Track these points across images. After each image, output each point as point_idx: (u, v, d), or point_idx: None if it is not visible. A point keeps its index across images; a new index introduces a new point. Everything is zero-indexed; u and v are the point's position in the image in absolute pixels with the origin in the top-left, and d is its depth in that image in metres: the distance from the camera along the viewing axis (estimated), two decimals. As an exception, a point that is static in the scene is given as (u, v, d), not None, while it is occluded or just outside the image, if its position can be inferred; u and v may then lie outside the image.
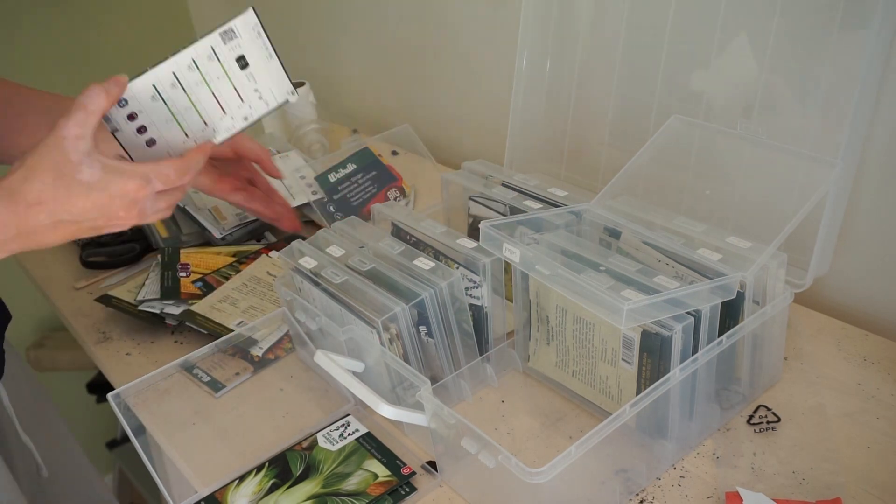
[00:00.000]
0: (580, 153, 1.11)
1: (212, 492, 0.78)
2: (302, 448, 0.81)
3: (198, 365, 0.95)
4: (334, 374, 0.78)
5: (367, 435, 0.82)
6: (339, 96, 1.70)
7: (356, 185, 1.18)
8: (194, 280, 1.05)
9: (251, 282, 1.06)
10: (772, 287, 0.77)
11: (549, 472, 0.62)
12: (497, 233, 0.78)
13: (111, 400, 0.88)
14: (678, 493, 0.73)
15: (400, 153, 1.40)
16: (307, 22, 1.69)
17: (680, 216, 0.83)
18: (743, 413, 0.80)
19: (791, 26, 0.83)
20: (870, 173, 0.88)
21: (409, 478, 0.76)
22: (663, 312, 0.69)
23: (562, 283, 0.72)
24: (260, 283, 1.06)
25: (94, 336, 1.05)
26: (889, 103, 0.84)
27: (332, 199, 1.15)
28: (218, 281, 1.06)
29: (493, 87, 1.32)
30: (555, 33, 1.06)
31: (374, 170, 1.20)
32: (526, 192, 0.93)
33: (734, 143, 0.88)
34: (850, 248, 0.92)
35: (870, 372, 0.84)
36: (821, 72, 0.81)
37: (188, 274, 1.06)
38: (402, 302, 0.80)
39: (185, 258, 1.09)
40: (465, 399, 0.86)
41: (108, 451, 2.03)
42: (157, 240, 1.18)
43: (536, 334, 0.85)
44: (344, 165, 1.19)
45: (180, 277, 1.05)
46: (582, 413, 0.83)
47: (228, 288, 1.05)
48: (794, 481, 0.72)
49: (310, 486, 0.77)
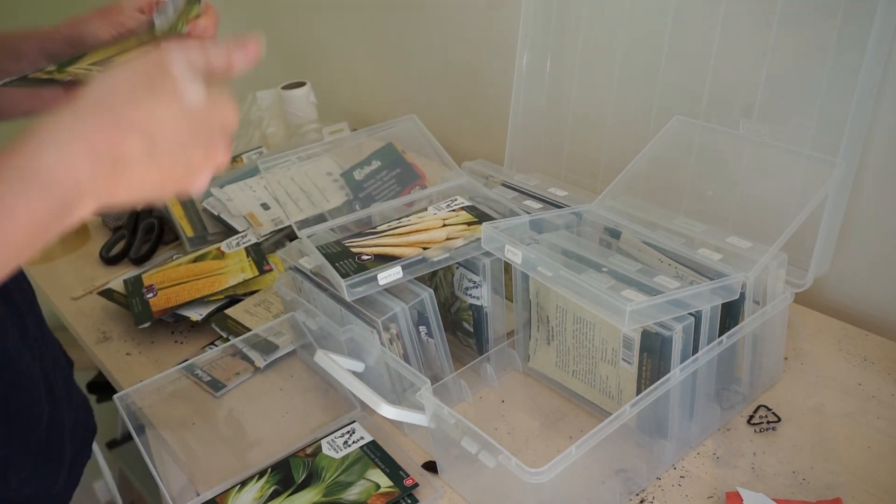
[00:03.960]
0: (580, 153, 1.11)
1: (213, 496, 0.77)
2: (305, 454, 0.80)
3: (198, 364, 0.95)
4: (334, 374, 0.78)
5: (371, 443, 0.81)
6: (339, 96, 1.70)
7: (381, 182, 1.15)
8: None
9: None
10: (772, 287, 0.77)
11: (549, 472, 0.62)
12: (499, 234, 0.78)
13: (117, 401, 0.88)
14: (678, 493, 0.73)
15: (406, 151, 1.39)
16: (307, 22, 1.69)
17: (680, 216, 0.83)
18: (743, 413, 0.81)
19: (791, 27, 0.83)
20: (870, 173, 0.88)
21: (411, 489, 0.75)
22: (665, 313, 0.69)
23: (564, 285, 0.72)
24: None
25: (94, 336, 1.05)
26: (889, 103, 0.84)
27: (358, 196, 1.13)
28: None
29: (493, 87, 1.32)
30: (555, 33, 1.06)
31: (398, 167, 1.17)
32: (526, 192, 0.93)
33: (735, 143, 0.88)
34: (850, 248, 0.92)
35: (870, 372, 0.84)
36: (821, 72, 0.81)
37: (155, 294, 1.05)
38: (402, 302, 0.80)
39: (148, 281, 1.09)
40: (465, 399, 0.86)
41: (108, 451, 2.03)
42: (183, 239, 1.18)
43: (536, 334, 0.85)
44: (369, 162, 1.17)
45: (148, 299, 1.04)
46: (582, 413, 0.83)
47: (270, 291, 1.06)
48: (794, 481, 0.72)
49: (311, 495, 0.76)
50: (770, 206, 0.86)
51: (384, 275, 0.78)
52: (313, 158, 1.22)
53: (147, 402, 0.91)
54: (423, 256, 0.80)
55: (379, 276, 0.78)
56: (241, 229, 1.16)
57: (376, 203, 1.00)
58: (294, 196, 1.11)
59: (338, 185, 1.17)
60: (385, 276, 0.78)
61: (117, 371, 0.98)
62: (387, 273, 0.78)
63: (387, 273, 0.78)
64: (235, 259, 1.09)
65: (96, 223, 1.33)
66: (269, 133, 1.48)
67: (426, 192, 0.96)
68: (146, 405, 0.91)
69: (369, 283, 0.78)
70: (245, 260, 1.08)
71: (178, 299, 1.02)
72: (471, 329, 0.87)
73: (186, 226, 1.19)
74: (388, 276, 0.78)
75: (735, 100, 0.90)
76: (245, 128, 1.47)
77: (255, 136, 1.46)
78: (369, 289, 0.78)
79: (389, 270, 0.78)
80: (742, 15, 0.87)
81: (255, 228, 1.15)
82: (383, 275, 0.78)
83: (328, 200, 1.15)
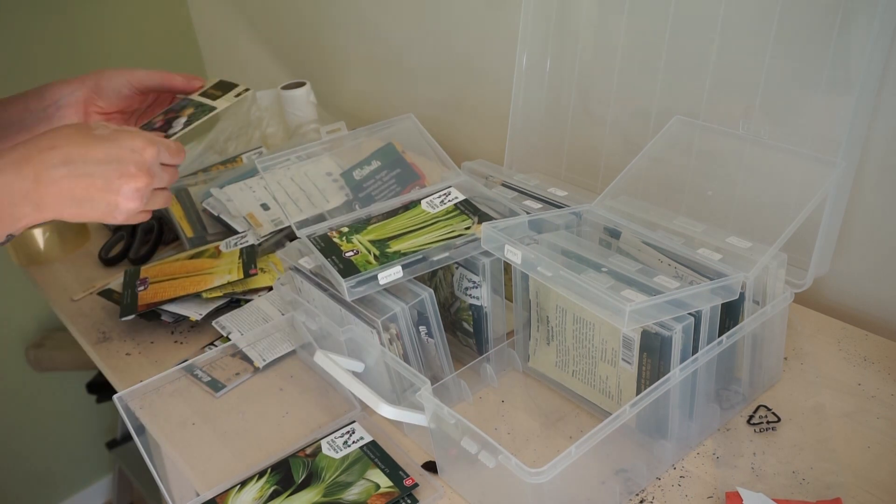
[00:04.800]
0: (580, 153, 1.11)
1: (213, 496, 0.77)
2: (305, 454, 0.80)
3: (198, 364, 0.95)
4: (334, 374, 0.78)
5: (371, 443, 0.81)
6: (339, 96, 1.70)
7: (380, 182, 1.15)
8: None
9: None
10: (772, 287, 0.77)
11: (549, 472, 0.62)
12: (498, 234, 0.78)
13: (117, 402, 0.88)
14: (678, 493, 0.73)
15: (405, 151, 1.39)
16: (307, 22, 1.69)
17: (680, 216, 0.83)
18: (743, 413, 0.80)
19: (791, 26, 0.83)
20: (870, 173, 0.88)
21: (411, 489, 0.75)
22: (665, 313, 0.69)
23: (564, 285, 0.72)
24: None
25: (94, 336, 1.05)
26: (889, 103, 0.84)
27: (358, 196, 1.13)
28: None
29: (493, 87, 1.32)
30: (555, 33, 1.06)
31: (398, 167, 1.17)
32: (526, 192, 0.93)
33: (735, 143, 0.88)
34: (850, 248, 0.92)
35: (870, 372, 0.84)
36: (821, 72, 0.81)
37: (146, 287, 1.06)
38: (402, 302, 0.80)
39: (144, 273, 1.10)
40: (465, 399, 0.86)
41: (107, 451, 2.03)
42: (183, 239, 1.19)
43: (536, 334, 0.85)
44: (368, 162, 1.16)
45: (139, 292, 1.05)
46: (582, 413, 0.83)
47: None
48: (794, 481, 0.72)
49: (311, 495, 0.76)
50: (770, 206, 0.86)
51: (384, 274, 0.78)
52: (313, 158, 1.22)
53: (147, 402, 0.91)
54: (423, 255, 0.80)
55: (379, 275, 0.78)
56: (240, 230, 1.16)
57: (376, 203, 1.00)
58: (294, 196, 1.11)
59: (337, 185, 1.16)
60: (385, 276, 0.78)
61: (117, 371, 0.98)
62: (387, 273, 0.78)
63: (387, 273, 0.78)
64: (228, 259, 1.09)
65: (96, 224, 1.33)
66: (269, 133, 1.48)
67: (425, 192, 0.96)
68: (146, 405, 0.91)
69: (370, 283, 0.78)
70: (236, 262, 1.08)
71: (163, 295, 1.02)
72: (471, 329, 0.87)
73: (186, 226, 1.20)
74: (389, 275, 0.78)
75: (735, 100, 0.90)
76: (245, 128, 1.47)
77: (255, 136, 1.46)
78: (370, 288, 0.78)
79: (389, 270, 0.78)
80: (742, 15, 0.87)
81: (255, 229, 1.15)
82: (383, 274, 0.78)
83: (328, 200, 1.15)
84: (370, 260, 0.81)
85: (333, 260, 0.81)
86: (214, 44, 2.00)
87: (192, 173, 1.30)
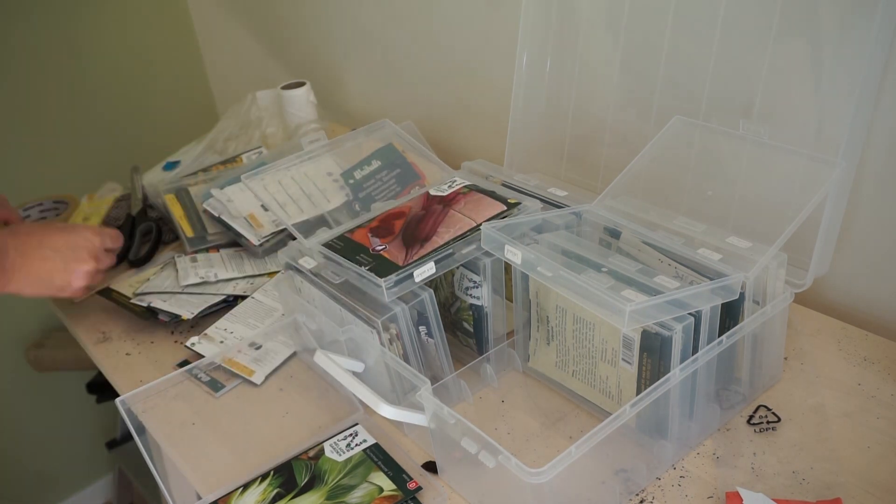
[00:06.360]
0: (580, 153, 1.11)
1: (215, 499, 0.77)
2: (308, 457, 0.80)
3: (197, 365, 0.95)
4: (334, 375, 0.78)
5: (374, 446, 0.81)
6: (339, 96, 1.70)
7: (381, 182, 1.15)
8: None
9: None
10: (772, 287, 0.77)
11: (549, 472, 0.62)
12: (498, 234, 0.78)
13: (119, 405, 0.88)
14: (678, 493, 0.73)
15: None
16: (307, 22, 1.69)
17: (680, 216, 0.83)
18: (743, 413, 0.80)
19: (791, 26, 0.83)
20: (870, 173, 0.88)
21: (415, 492, 0.75)
22: (666, 313, 0.69)
23: (564, 285, 0.72)
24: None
25: (94, 336, 1.05)
26: (889, 103, 0.84)
27: (358, 196, 1.13)
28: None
29: (493, 87, 1.32)
30: (555, 33, 1.06)
31: (398, 167, 1.17)
32: (526, 192, 0.93)
33: (735, 143, 0.88)
34: (850, 248, 0.92)
35: (870, 372, 0.84)
36: (821, 72, 0.81)
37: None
38: (402, 302, 0.80)
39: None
40: (465, 399, 0.86)
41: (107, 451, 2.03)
42: (183, 239, 1.19)
43: (536, 334, 0.85)
44: (368, 162, 1.16)
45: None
46: (582, 413, 0.83)
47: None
48: (794, 481, 0.72)
49: (314, 498, 0.75)
50: (770, 206, 0.86)
51: (420, 271, 0.79)
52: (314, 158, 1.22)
53: (147, 404, 0.91)
54: (451, 250, 0.81)
55: (415, 272, 0.79)
56: (241, 230, 1.16)
57: (376, 203, 1.00)
58: (294, 196, 1.11)
59: (338, 186, 1.16)
60: (420, 273, 0.79)
61: (117, 371, 0.98)
62: (422, 269, 0.79)
63: (422, 269, 0.79)
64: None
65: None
66: (269, 133, 1.48)
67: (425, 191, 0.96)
68: (147, 407, 0.91)
69: (406, 282, 0.79)
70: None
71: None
72: (471, 329, 0.87)
73: (186, 226, 1.19)
74: (423, 272, 0.79)
75: (735, 100, 0.90)
76: (245, 128, 1.47)
77: (255, 137, 1.46)
78: (406, 287, 0.79)
79: (423, 267, 0.79)
80: (742, 15, 0.87)
81: (255, 230, 1.15)
82: (419, 271, 0.79)
83: (328, 201, 1.15)
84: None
85: (362, 258, 0.81)
86: (214, 44, 2.00)
87: (192, 173, 1.30)
